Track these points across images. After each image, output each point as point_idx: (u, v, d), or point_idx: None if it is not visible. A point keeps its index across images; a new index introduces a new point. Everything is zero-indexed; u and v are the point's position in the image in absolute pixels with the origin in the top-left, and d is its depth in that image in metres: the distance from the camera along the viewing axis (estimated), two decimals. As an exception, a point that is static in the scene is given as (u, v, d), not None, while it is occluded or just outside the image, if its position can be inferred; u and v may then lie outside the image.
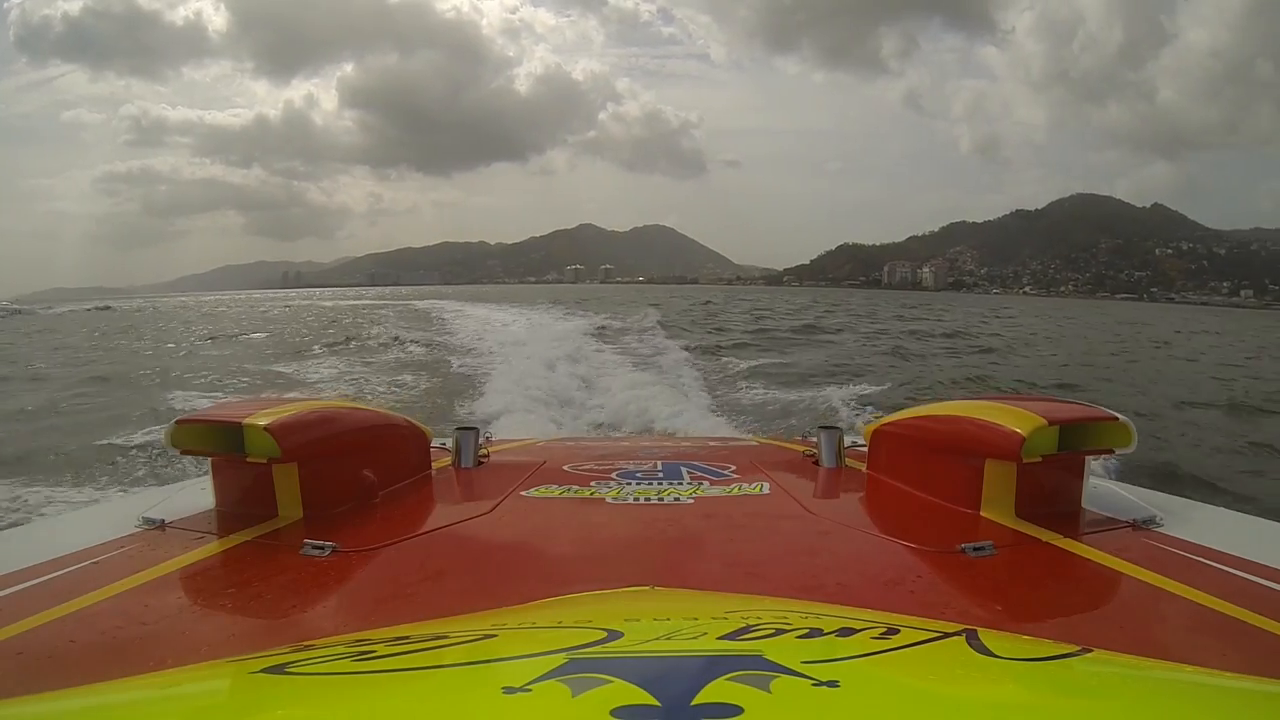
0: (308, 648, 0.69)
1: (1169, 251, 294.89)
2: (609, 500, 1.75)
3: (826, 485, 2.04)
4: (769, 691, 0.45)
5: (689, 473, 2.02)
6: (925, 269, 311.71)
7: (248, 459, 1.49)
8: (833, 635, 0.65)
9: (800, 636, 0.64)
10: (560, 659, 0.52)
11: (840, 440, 2.14)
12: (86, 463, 5.57)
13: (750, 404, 8.58)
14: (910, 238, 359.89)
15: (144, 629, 1.05)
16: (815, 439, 2.20)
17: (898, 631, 0.65)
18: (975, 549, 1.33)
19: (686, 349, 13.37)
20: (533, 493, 1.81)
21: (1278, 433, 7.75)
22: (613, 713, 0.42)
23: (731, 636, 0.62)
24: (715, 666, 0.50)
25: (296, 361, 12.80)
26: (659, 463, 2.18)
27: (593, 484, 1.89)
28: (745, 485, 1.87)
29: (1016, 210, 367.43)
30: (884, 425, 1.97)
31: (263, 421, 1.47)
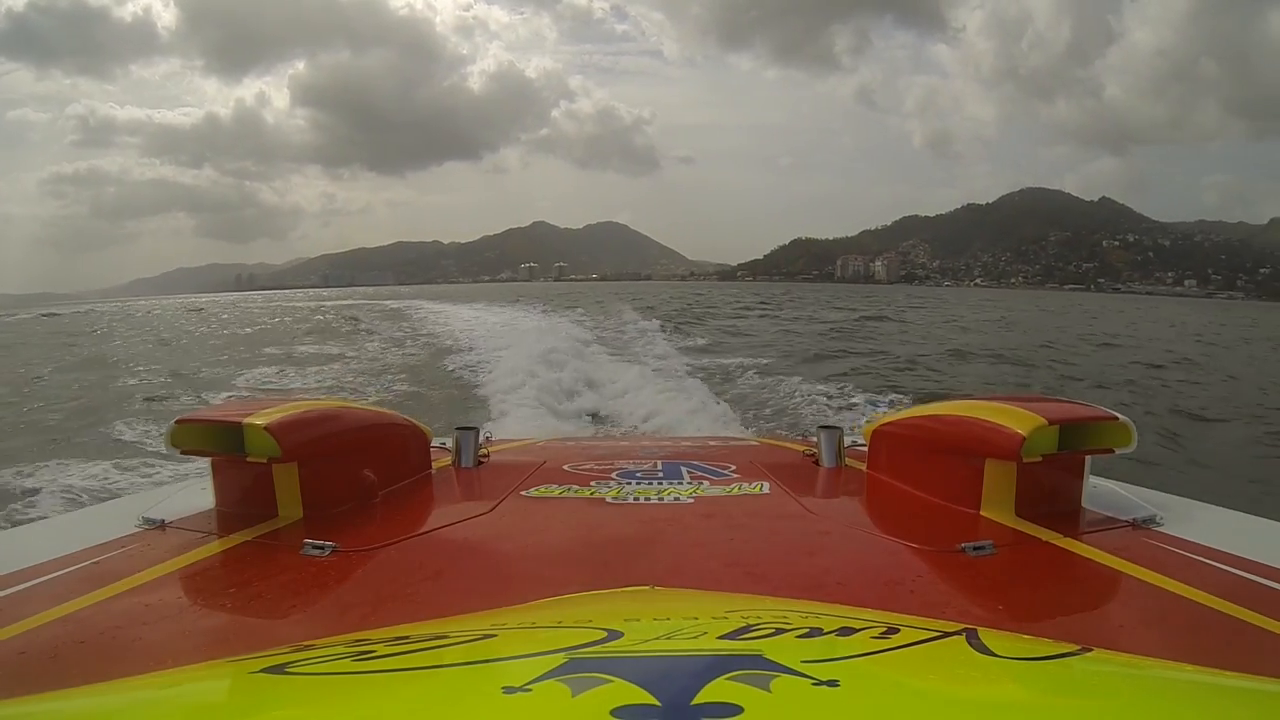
0: (308, 648, 0.69)
1: (1116, 244, 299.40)
2: (609, 500, 1.75)
3: (826, 485, 2.04)
4: (769, 691, 0.45)
5: (689, 472, 2.01)
6: (878, 262, 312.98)
7: (248, 459, 1.49)
8: (833, 635, 0.65)
9: (800, 636, 0.63)
10: (560, 659, 0.52)
11: (840, 440, 2.13)
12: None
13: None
14: (863, 232, 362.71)
15: (144, 629, 1.05)
16: (815, 439, 2.19)
17: (898, 631, 0.65)
18: (975, 548, 1.33)
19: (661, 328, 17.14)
20: (533, 492, 1.81)
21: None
22: (613, 712, 0.42)
23: (731, 636, 0.61)
24: (715, 666, 0.50)
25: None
26: (659, 462, 2.17)
27: (593, 484, 1.89)
28: (745, 485, 1.87)
29: (968, 204, 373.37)
30: (884, 425, 1.96)
31: (263, 421, 1.46)
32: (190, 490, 1.68)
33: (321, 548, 1.35)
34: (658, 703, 0.43)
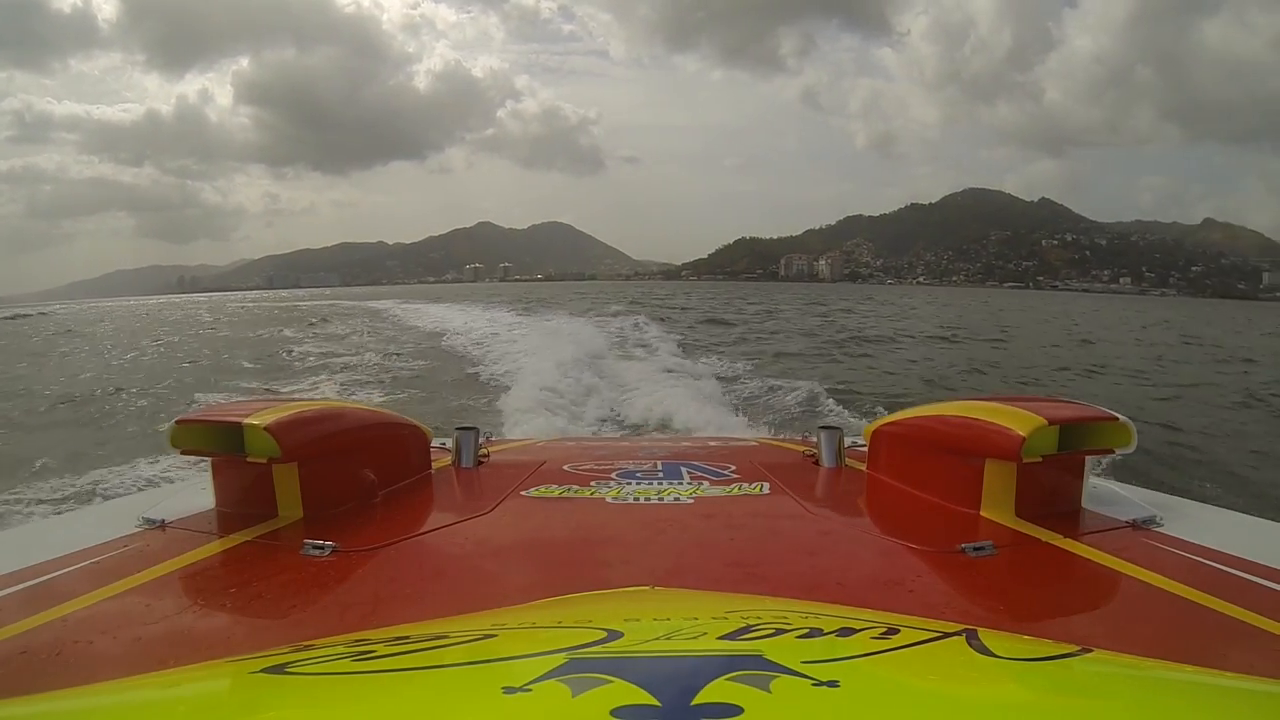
0: (308, 648, 0.69)
1: (1055, 243, 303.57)
2: (609, 500, 1.75)
3: (826, 485, 2.03)
4: (769, 691, 0.45)
5: (689, 472, 2.01)
6: (821, 261, 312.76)
7: (248, 459, 1.49)
8: (833, 635, 0.65)
9: (800, 636, 0.63)
10: (560, 659, 0.52)
11: (840, 440, 2.13)
12: None
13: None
14: (807, 231, 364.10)
15: (144, 629, 1.05)
16: (815, 439, 2.19)
17: (898, 631, 0.65)
18: (975, 549, 1.33)
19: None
20: (533, 492, 1.81)
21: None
22: (613, 713, 0.42)
23: (731, 636, 0.61)
24: (715, 666, 0.50)
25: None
26: (659, 462, 2.17)
27: (593, 484, 1.89)
28: (745, 485, 1.87)
29: (911, 204, 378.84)
30: (884, 425, 1.96)
31: (263, 421, 1.46)
32: (190, 490, 1.69)
33: (321, 548, 1.35)
34: (658, 703, 0.43)
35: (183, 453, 1.57)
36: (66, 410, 8.98)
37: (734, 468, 2.07)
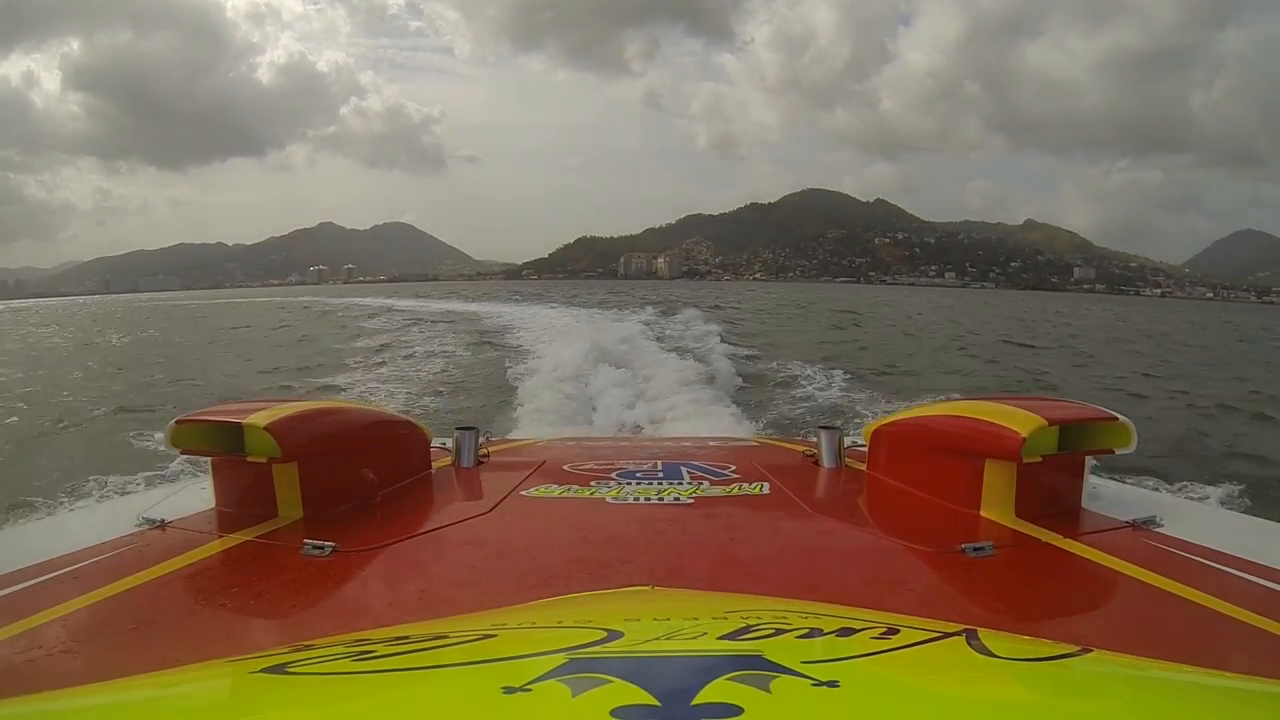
0: (308, 648, 0.69)
1: (887, 240, 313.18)
2: (609, 500, 1.75)
3: (826, 485, 2.04)
4: (769, 691, 0.45)
5: (689, 473, 2.01)
6: (660, 260, 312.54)
7: (248, 459, 1.49)
8: (832, 635, 0.65)
9: (800, 636, 0.63)
10: (560, 659, 0.52)
11: (840, 440, 2.13)
12: None
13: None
14: (647, 230, 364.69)
15: (144, 629, 1.05)
16: (815, 439, 2.19)
17: (898, 631, 0.65)
18: (975, 549, 1.34)
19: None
20: (533, 492, 1.81)
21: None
22: (613, 713, 0.42)
23: (731, 636, 0.61)
24: (715, 666, 0.49)
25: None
26: (659, 462, 2.17)
27: (593, 484, 1.89)
28: (745, 485, 1.87)
29: (751, 203, 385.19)
30: (884, 425, 1.96)
31: (263, 421, 1.47)
32: (190, 490, 1.69)
33: (321, 548, 1.35)
34: (658, 703, 0.43)
35: (183, 453, 1.58)
36: None
37: (734, 468, 2.06)
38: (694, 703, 0.43)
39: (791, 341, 16.16)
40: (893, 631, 0.65)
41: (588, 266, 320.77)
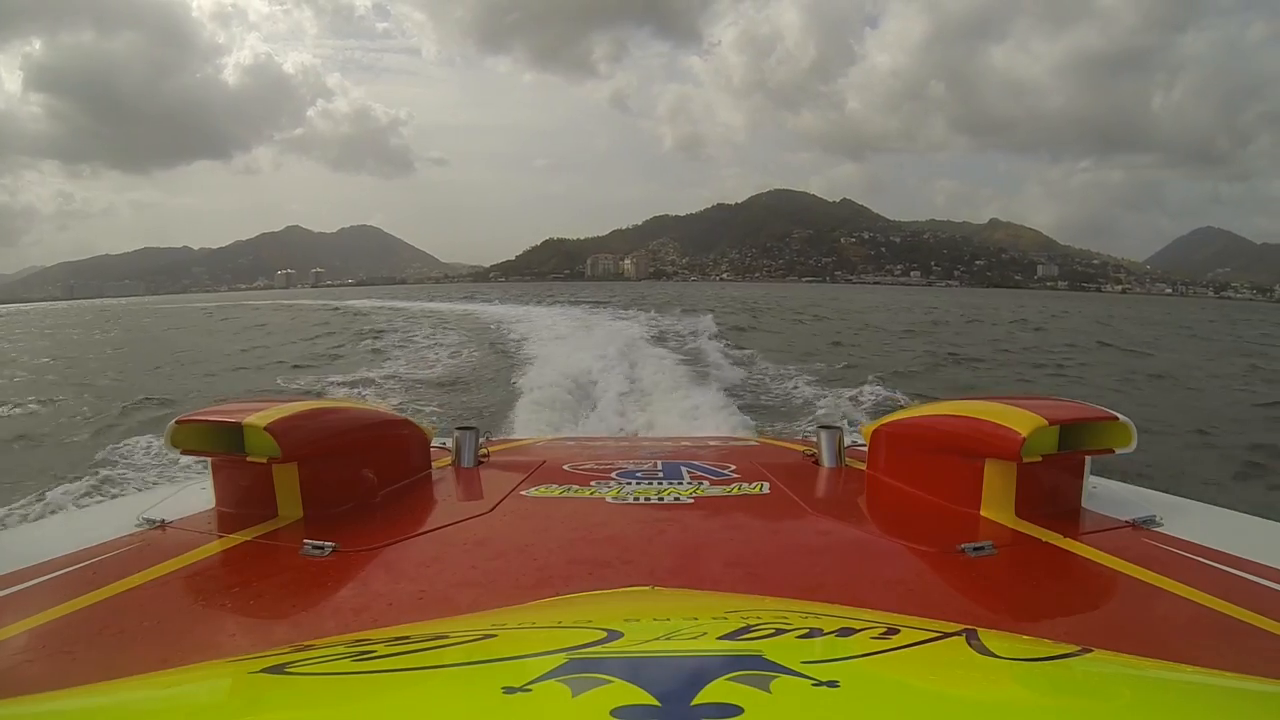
0: (308, 648, 0.69)
1: (853, 240, 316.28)
2: (609, 500, 1.75)
3: (826, 485, 2.04)
4: (769, 692, 0.45)
5: (689, 472, 2.02)
6: (627, 261, 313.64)
7: (248, 459, 1.50)
8: (833, 635, 0.65)
9: (800, 636, 0.64)
10: (560, 659, 0.52)
11: (840, 440, 2.13)
12: None
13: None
14: (614, 231, 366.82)
15: (144, 629, 1.06)
16: (815, 439, 2.19)
17: (898, 631, 0.65)
18: (975, 549, 1.34)
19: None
20: (533, 492, 1.82)
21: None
22: (613, 713, 0.42)
23: (731, 636, 0.62)
24: (715, 666, 0.50)
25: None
26: (659, 462, 2.17)
27: (593, 483, 1.89)
28: (745, 485, 1.87)
29: (718, 204, 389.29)
30: (884, 425, 1.97)
31: (263, 421, 1.47)
32: (190, 490, 1.70)
33: (321, 548, 1.35)
34: (658, 703, 0.43)
35: (183, 453, 1.56)
36: None
37: (734, 467, 2.06)
38: (694, 703, 0.43)
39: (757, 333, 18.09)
40: (893, 631, 0.65)
41: (555, 268, 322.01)
